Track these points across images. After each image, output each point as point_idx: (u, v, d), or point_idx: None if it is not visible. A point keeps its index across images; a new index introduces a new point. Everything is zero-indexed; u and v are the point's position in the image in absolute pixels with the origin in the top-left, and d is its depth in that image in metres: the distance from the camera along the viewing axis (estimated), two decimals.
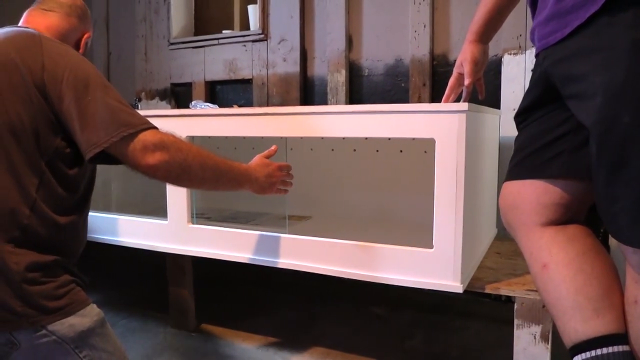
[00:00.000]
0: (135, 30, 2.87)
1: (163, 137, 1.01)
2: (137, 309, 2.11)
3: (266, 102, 2.48)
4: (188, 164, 1.03)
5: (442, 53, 2.13)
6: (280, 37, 2.44)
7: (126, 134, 0.96)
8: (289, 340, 1.81)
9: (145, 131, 0.99)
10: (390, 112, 1.33)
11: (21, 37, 1.03)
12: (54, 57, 1.00)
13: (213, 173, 1.11)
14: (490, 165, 1.69)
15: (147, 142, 0.98)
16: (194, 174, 1.06)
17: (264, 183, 1.29)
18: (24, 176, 0.96)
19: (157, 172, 1.00)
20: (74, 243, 1.09)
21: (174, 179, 1.05)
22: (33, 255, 0.95)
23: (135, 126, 0.98)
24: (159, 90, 2.80)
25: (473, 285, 1.36)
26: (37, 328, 0.94)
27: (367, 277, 1.38)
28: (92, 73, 1.02)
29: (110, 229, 1.79)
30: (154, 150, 0.98)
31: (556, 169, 1.04)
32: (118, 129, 0.97)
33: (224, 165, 1.14)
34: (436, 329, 1.89)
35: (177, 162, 1.02)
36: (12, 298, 0.92)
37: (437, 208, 1.27)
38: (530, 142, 1.09)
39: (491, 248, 1.72)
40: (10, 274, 0.92)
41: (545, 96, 1.06)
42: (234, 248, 1.57)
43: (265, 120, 1.50)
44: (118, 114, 0.99)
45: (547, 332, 1.28)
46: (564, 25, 0.95)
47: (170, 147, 1.01)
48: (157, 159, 0.98)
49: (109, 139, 0.96)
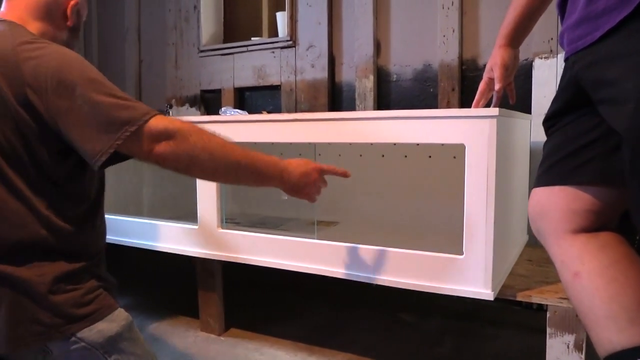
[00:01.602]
0: (166, 38, 2.92)
1: (168, 125, 0.94)
2: (167, 312, 2.14)
3: (294, 108, 2.50)
4: (196, 153, 0.95)
5: (471, 58, 2.11)
6: (308, 44, 2.45)
7: (129, 133, 0.91)
8: (318, 346, 1.80)
9: (148, 121, 0.93)
10: (419, 118, 1.32)
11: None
12: (32, 66, 0.92)
13: (228, 164, 1.00)
14: (521, 170, 1.66)
15: (153, 132, 0.92)
16: (204, 164, 0.97)
17: (297, 183, 1.14)
18: (31, 198, 0.95)
19: (165, 161, 0.94)
20: (95, 245, 1.08)
21: (184, 169, 0.97)
22: (57, 266, 0.96)
23: (137, 120, 0.92)
24: (189, 97, 2.85)
25: (504, 293, 1.34)
26: (67, 336, 0.94)
27: (396, 283, 1.38)
28: (77, 72, 0.94)
29: (142, 233, 1.82)
30: (159, 139, 0.93)
31: (587, 175, 1.02)
32: (120, 129, 0.91)
33: (244, 156, 1.02)
34: (466, 336, 1.87)
35: (184, 151, 0.94)
36: (40, 311, 0.93)
37: (468, 214, 1.26)
38: (559, 148, 1.07)
39: (522, 255, 1.70)
40: (36, 289, 0.92)
41: (574, 100, 1.04)
42: (263, 253, 1.59)
43: (294, 126, 1.51)
44: (116, 112, 0.92)
45: (580, 341, 1.25)
46: (595, 28, 0.94)
47: (176, 135, 0.94)
48: (163, 148, 0.93)
49: (114, 142, 0.91)
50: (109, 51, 3.19)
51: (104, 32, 3.24)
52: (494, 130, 1.21)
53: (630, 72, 0.87)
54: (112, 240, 1.87)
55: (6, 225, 0.94)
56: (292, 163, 1.14)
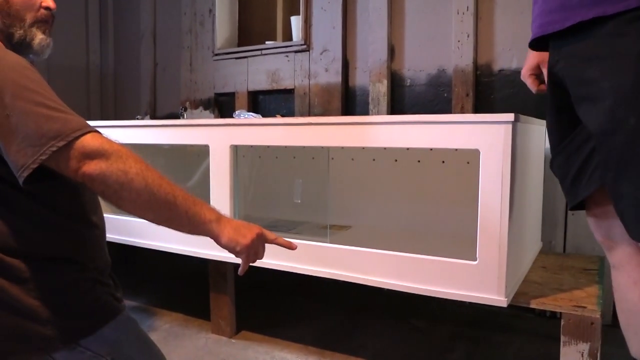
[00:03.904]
0: (181, 42, 2.94)
1: (103, 143, 0.85)
2: (179, 314, 2.15)
3: (308, 112, 2.50)
4: (130, 177, 0.85)
5: (485, 63, 2.10)
6: (322, 48, 2.46)
7: (56, 148, 0.83)
8: (329, 350, 1.80)
9: (81, 137, 0.84)
10: (433, 123, 1.32)
11: None
12: None
13: (164, 197, 0.88)
14: (536, 176, 1.65)
15: (84, 149, 0.84)
16: (136, 192, 0.86)
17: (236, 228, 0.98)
18: (4, 215, 0.90)
19: (92, 182, 0.84)
20: (93, 253, 1.03)
21: (111, 194, 0.86)
22: (51, 277, 0.93)
23: (67, 135, 0.83)
24: (203, 100, 2.87)
25: (517, 300, 1.33)
26: (72, 346, 0.92)
27: (408, 289, 1.37)
28: (8, 78, 0.86)
29: (155, 235, 1.83)
30: (90, 157, 0.84)
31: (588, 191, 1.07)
32: (47, 143, 0.83)
33: (181, 193, 0.91)
34: (477, 343, 1.85)
35: (115, 174, 0.84)
36: (40, 325, 0.90)
37: (482, 220, 1.25)
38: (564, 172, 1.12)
39: (536, 262, 1.68)
40: (31, 305, 0.90)
41: (561, 101, 1.10)
42: (275, 256, 1.59)
43: (307, 130, 1.51)
44: (45, 124, 0.84)
45: (595, 350, 1.23)
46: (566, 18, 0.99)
47: (110, 155, 0.85)
48: (93, 167, 0.83)
49: (38, 157, 0.82)
50: (125, 54, 3.22)
51: (119, 36, 3.27)
52: (509, 136, 1.21)
53: (608, 73, 0.94)
54: (126, 241, 1.89)
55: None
56: (229, 219, 0.99)
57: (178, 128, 1.78)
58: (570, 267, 1.65)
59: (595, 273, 1.58)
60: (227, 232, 0.96)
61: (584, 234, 1.90)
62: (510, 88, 2.07)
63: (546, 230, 1.91)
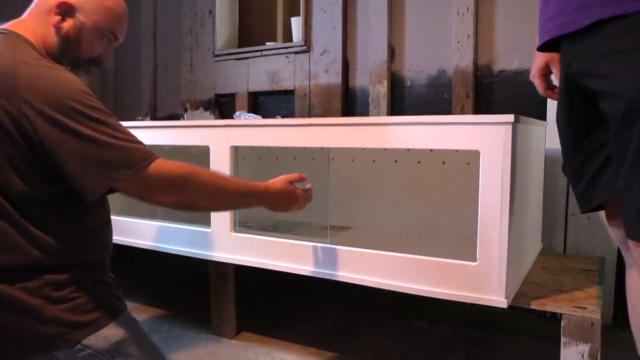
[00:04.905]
0: (181, 43, 2.95)
1: (168, 174, 0.96)
2: (180, 315, 2.15)
3: (308, 112, 2.51)
4: (195, 199, 1.01)
5: (486, 64, 2.11)
6: (322, 49, 2.46)
7: (124, 177, 0.91)
8: (329, 351, 1.80)
9: (147, 167, 0.93)
10: (433, 124, 1.32)
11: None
12: (31, 92, 0.89)
13: (222, 201, 1.11)
14: (536, 177, 1.65)
15: (152, 180, 0.94)
16: (202, 206, 1.06)
17: (279, 206, 1.25)
18: (20, 220, 0.93)
19: (164, 206, 0.99)
20: (99, 253, 1.06)
21: (183, 210, 1.04)
22: (57, 278, 0.95)
23: (135, 165, 0.92)
24: (203, 101, 2.87)
25: (518, 301, 1.33)
26: (73, 344, 0.93)
27: (408, 290, 1.37)
28: (75, 103, 0.91)
29: (155, 236, 1.83)
30: (159, 189, 0.95)
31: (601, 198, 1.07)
32: (117, 170, 0.91)
33: (234, 190, 1.12)
34: (478, 344, 1.85)
35: (184, 199, 0.99)
36: (42, 325, 0.92)
37: (482, 221, 1.25)
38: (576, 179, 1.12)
39: (536, 263, 1.68)
40: (35, 306, 0.92)
41: (574, 102, 1.09)
42: (275, 257, 1.59)
43: (307, 130, 1.51)
44: (114, 153, 0.91)
45: (595, 351, 1.23)
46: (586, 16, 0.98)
47: (176, 185, 0.97)
48: (163, 197, 0.96)
49: (108, 183, 0.91)
50: (125, 55, 3.22)
51: None
52: (509, 137, 1.21)
53: (627, 66, 0.92)
54: (126, 242, 1.89)
55: None
56: (274, 191, 1.22)
57: (178, 129, 1.78)
58: (571, 268, 1.65)
59: (596, 274, 1.57)
60: (270, 209, 1.23)
61: (584, 235, 1.90)
62: (510, 89, 2.07)
63: (546, 231, 1.91)
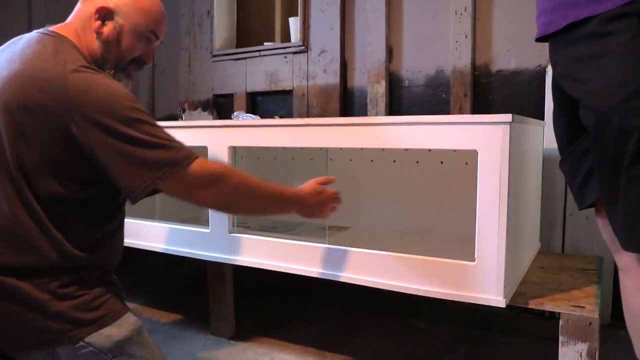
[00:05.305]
0: (179, 43, 2.94)
1: (210, 171, 1.00)
2: (178, 315, 2.15)
3: (306, 113, 2.51)
4: (235, 198, 1.04)
5: (484, 64, 2.11)
6: (320, 49, 2.46)
7: (170, 175, 0.95)
8: (328, 351, 1.80)
9: (190, 165, 0.97)
10: (431, 124, 1.32)
11: (44, 65, 0.95)
12: (80, 99, 0.92)
13: (260, 203, 1.11)
14: (534, 177, 1.65)
15: (194, 178, 0.97)
16: (241, 206, 1.08)
17: (312, 210, 1.25)
18: (46, 221, 0.95)
19: (205, 205, 1.03)
20: (109, 257, 1.08)
21: (221, 210, 1.09)
22: (66, 277, 0.96)
23: (179, 163, 0.96)
24: (201, 101, 2.87)
25: (516, 300, 1.33)
26: (75, 340, 0.95)
27: (407, 289, 1.37)
28: (122, 108, 0.94)
29: (154, 236, 1.83)
30: (200, 185, 0.98)
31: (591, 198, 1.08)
32: (162, 169, 0.94)
33: (272, 193, 1.13)
34: (476, 344, 1.85)
35: (224, 198, 1.03)
36: (48, 320, 0.93)
37: (480, 220, 1.25)
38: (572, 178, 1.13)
39: (534, 262, 1.68)
40: (42, 300, 0.93)
41: (562, 102, 1.10)
42: (274, 257, 1.59)
43: (306, 131, 1.51)
44: (160, 153, 0.95)
45: (593, 350, 1.24)
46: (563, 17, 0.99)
47: (217, 182, 1.00)
48: (204, 194, 0.99)
49: (153, 181, 0.94)
50: None
51: None
52: (507, 137, 1.21)
53: (596, 73, 0.93)
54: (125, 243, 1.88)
55: (17, 246, 0.94)
56: (306, 194, 1.23)
57: (176, 129, 1.77)
58: (569, 267, 1.65)
59: (594, 273, 1.58)
60: (303, 214, 1.24)
61: (583, 235, 1.90)
62: (508, 88, 2.07)
63: (545, 230, 1.91)
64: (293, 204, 1.20)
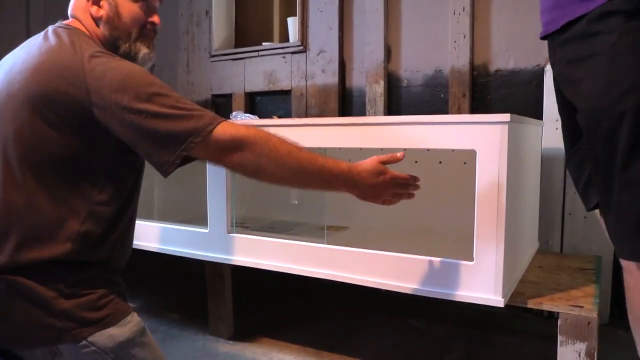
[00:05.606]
0: (177, 43, 2.94)
1: (234, 133, 0.96)
2: (177, 315, 2.14)
3: (305, 113, 2.50)
4: (262, 162, 0.98)
5: (482, 63, 2.11)
6: (319, 49, 2.46)
7: (194, 144, 0.94)
8: (327, 351, 1.80)
9: (213, 131, 0.94)
10: (430, 123, 1.32)
11: (63, 55, 0.97)
12: (97, 82, 0.93)
13: (294, 171, 1.01)
14: (533, 177, 1.65)
15: (219, 142, 0.95)
16: (271, 171, 0.99)
17: (367, 192, 1.12)
18: (69, 212, 0.96)
19: (234, 168, 0.99)
20: (119, 257, 1.08)
21: (252, 175, 1.00)
22: (73, 274, 0.96)
23: (202, 131, 0.94)
24: (200, 102, 2.87)
25: (515, 300, 1.33)
26: (78, 339, 0.94)
27: (405, 289, 1.37)
28: (141, 86, 0.94)
29: (153, 237, 1.83)
30: (226, 149, 0.96)
31: None
32: (186, 140, 0.93)
33: (310, 163, 1.03)
34: (475, 344, 1.85)
35: (250, 161, 0.97)
36: (52, 317, 0.93)
37: (478, 220, 1.26)
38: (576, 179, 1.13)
39: (533, 262, 1.68)
40: (49, 297, 0.93)
41: (565, 106, 1.10)
42: (272, 257, 1.59)
43: (304, 131, 1.51)
44: (181, 123, 0.93)
45: (592, 349, 1.24)
46: (562, 16, 0.98)
47: (242, 145, 0.96)
48: (231, 159, 0.97)
49: (180, 153, 0.94)
50: None
51: None
52: (506, 136, 1.21)
53: (589, 73, 0.93)
54: None
55: (30, 234, 0.93)
56: (362, 172, 1.10)
57: None
58: (567, 266, 1.65)
59: (592, 273, 1.58)
60: (358, 196, 1.11)
61: (581, 234, 1.91)
62: (506, 88, 2.07)
63: (543, 230, 1.91)
64: (343, 181, 1.08)
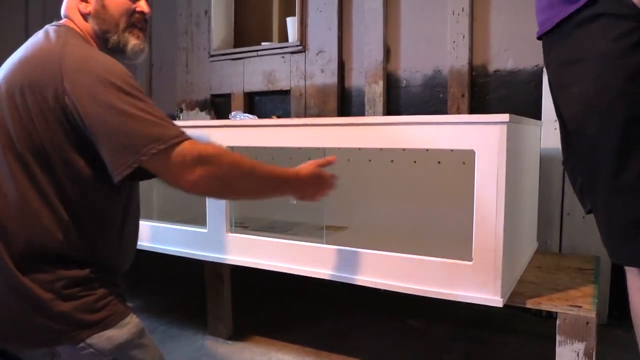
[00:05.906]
0: (176, 43, 2.94)
1: (201, 150, 0.93)
2: (176, 315, 2.14)
3: (304, 113, 2.51)
4: (229, 178, 0.97)
5: (481, 64, 2.11)
6: (318, 49, 2.46)
7: (156, 151, 0.89)
8: (326, 351, 1.80)
9: (180, 144, 0.91)
10: (428, 123, 1.32)
11: (45, 46, 0.98)
12: (73, 75, 0.92)
13: (257, 184, 1.04)
14: (532, 177, 1.65)
15: (185, 157, 0.91)
16: (236, 187, 1.00)
17: (306, 193, 1.19)
18: (56, 203, 0.94)
19: (197, 188, 0.94)
20: (119, 258, 1.07)
21: (216, 194, 1.01)
22: (70, 273, 0.95)
23: (168, 140, 0.90)
24: (199, 101, 2.87)
25: (513, 300, 1.33)
26: (77, 341, 0.94)
27: (405, 289, 1.37)
28: (115, 83, 0.92)
29: (152, 237, 1.83)
30: (192, 165, 0.91)
31: None
32: (148, 145, 0.89)
33: (269, 174, 1.06)
34: (475, 343, 1.86)
35: (218, 177, 0.95)
36: (50, 320, 0.92)
37: (477, 220, 1.26)
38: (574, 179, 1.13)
39: (532, 262, 1.68)
40: (46, 299, 0.92)
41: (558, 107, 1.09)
42: (271, 257, 1.59)
43: (303, 131, 1.51)
44: (147, 127, 0.90)
45: (591, 349, 1.24)
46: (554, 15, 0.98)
47: (209, 161, 0.93)
48: (197, 175, 0.92)
49: (138, 158, 0.89)
50: None
51: None
52: (504, 136, 1.21)
53: (578, 77, 0.92)
54: None
55: (24, 224, 0.93)
56: (304, 177, 1.16)
57: None
58: (566, 267, 1.65)
59: (591, 273, 1.58)
60: (298, 197, 1.17)
61: (580, 234, 1.91)
62: (505, 89, 2.07)
63: (542, 230, 1.91)
64: (291, 186, 1.14)
